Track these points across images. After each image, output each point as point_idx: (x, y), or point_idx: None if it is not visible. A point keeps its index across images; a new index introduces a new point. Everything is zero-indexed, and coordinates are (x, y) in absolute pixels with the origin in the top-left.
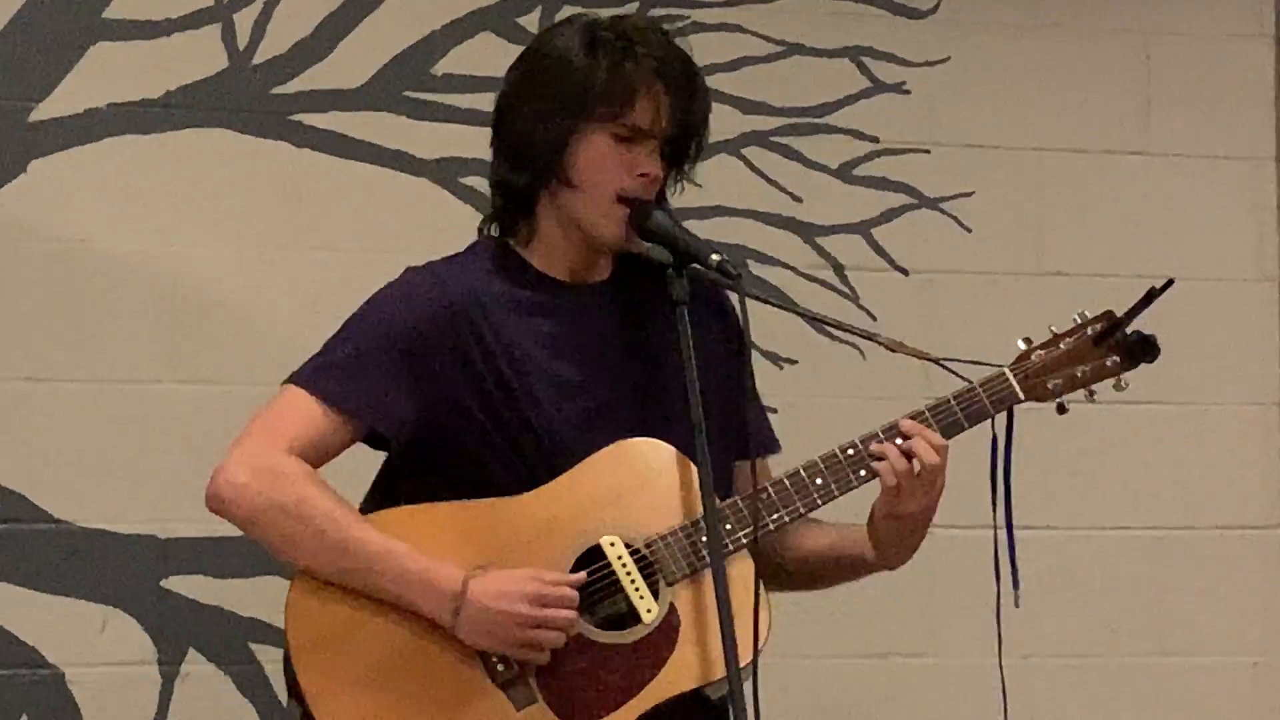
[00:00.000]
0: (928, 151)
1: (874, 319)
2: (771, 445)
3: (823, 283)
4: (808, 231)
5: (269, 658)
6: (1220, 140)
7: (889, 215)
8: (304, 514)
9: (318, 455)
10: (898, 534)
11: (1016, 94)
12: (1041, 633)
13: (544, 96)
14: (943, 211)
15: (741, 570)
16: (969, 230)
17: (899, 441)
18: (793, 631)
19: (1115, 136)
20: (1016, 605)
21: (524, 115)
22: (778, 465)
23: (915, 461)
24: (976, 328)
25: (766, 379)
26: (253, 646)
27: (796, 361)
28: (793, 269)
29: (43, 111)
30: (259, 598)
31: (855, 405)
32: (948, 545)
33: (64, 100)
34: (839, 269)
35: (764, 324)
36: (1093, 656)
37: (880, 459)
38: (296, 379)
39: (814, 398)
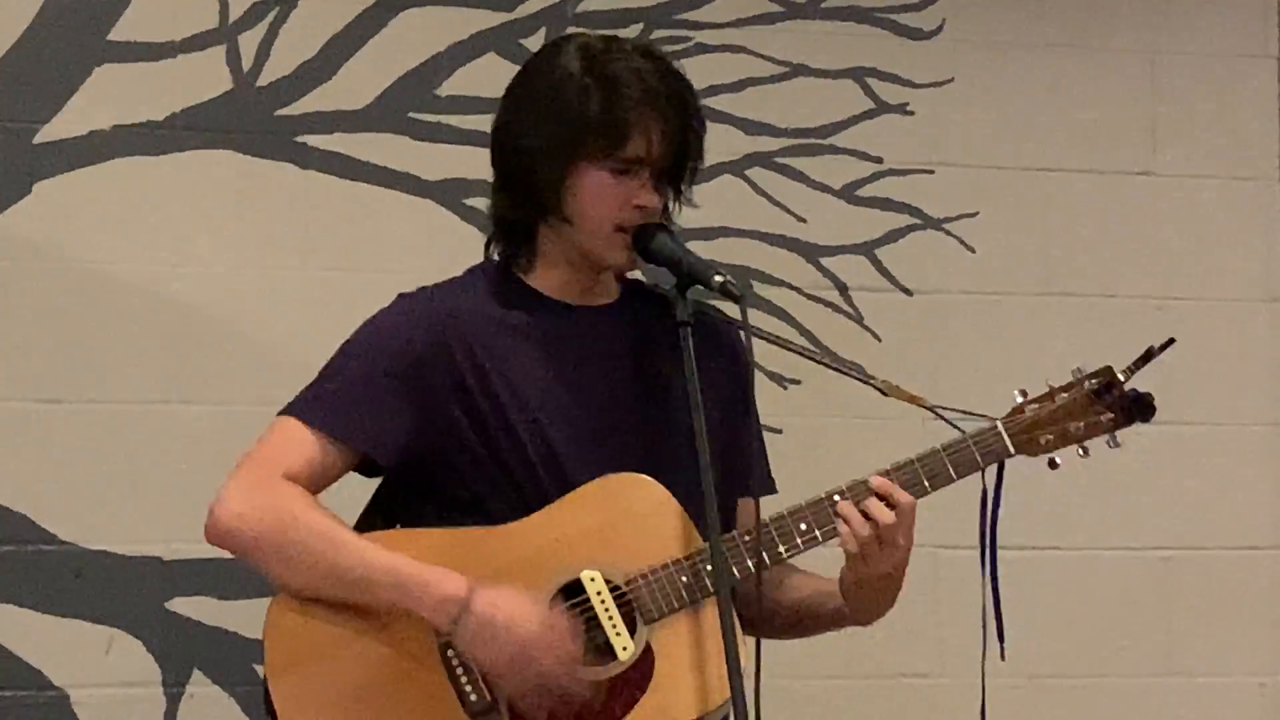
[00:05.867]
0: (932, 172)
1: (878, 340)
2: (769, 487)
3: (827, 303)
4: (812, 252)
5: None
6: (1226, 160)
7: (893, 236)
8: (300, 536)
9: (313, 483)
10: (865, 595)
11: (1021, 114)
12: (1048, 653)
13: (537, 133)
14: (947, 232)
15: (715, 614)
16: (973, 251)
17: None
18: (798, 653)
19: (1120, 157)
20: (1003, 658)
21: (518, 150)
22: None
23: (872, 524)
24: (981, 348)
25: (770, 399)
26: (257, 668)
27: (800, 382)
28: (796, 289)
29: (48, 133)
30: (263, 619)
31: (858, 425)
32: (954, 566)
33: (69, 122)
34: (843, 289)
35: (769, 343)
36: (1100, 677)
37: (844, 521)
38: (290, 409)
39: (817, 418)
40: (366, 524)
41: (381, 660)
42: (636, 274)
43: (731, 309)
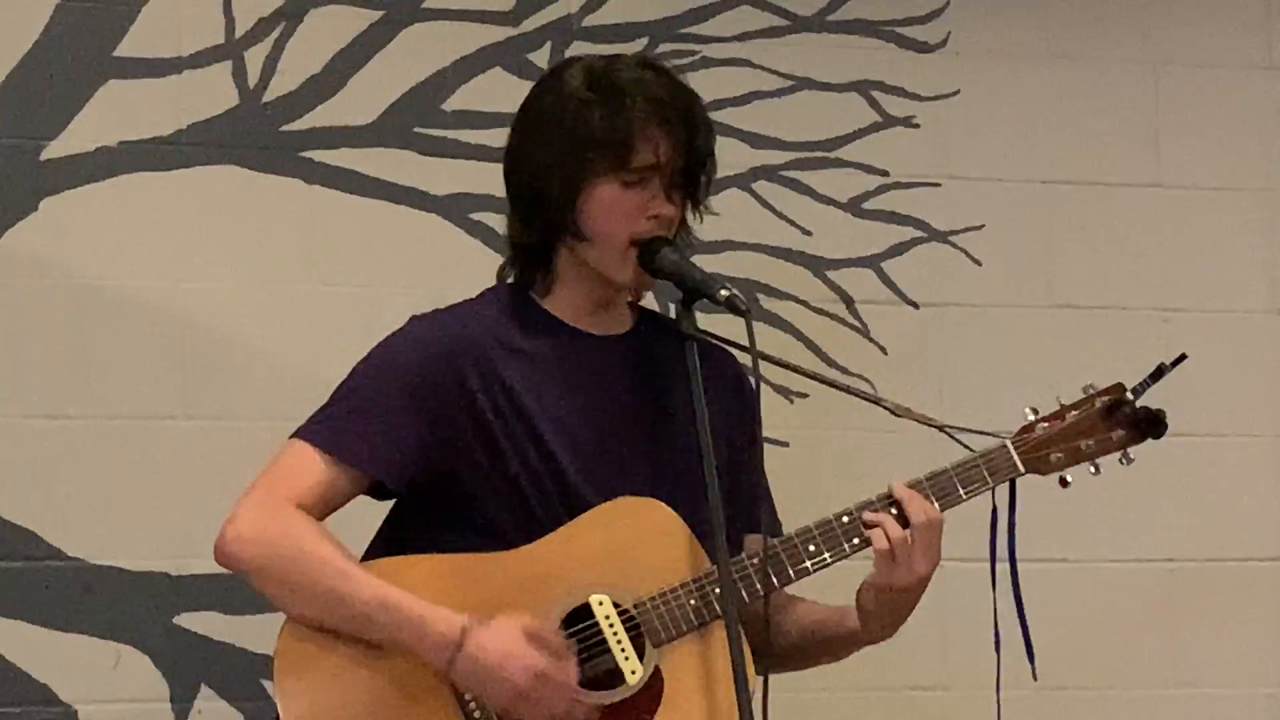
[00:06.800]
0: (938, 184)
1: (885, 353)
2: (775, 531)
3: (833, 316)
4: (818, 265)
5: None
6: (1230, 171)
7: (899, 249)
8: (305, 565)
9: (323, 507)
10: (887, 606)
11: (1026, 126)
12: (1054, 664)
13: (545, 154)
14: (953, 244)
15: (724, 637)
16: (979, 263)
17: (893, 511)
18: None
19: (1125, 168)
20: (1035, 679)
21: (528, 174)
22: None
23: (910, 530)
24: (987, 361)
25: (777, 412)
26: (265, 683)
27: (807, 395)
28: (803, 303)
29: (54, 150)
30: (271, 634)
31: (865, 439)
32: (961, 577)
33: (75, 138)
34: (849, 303)
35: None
36: (1107, 689)
37: (874, 526)
38: (301, 432)
39: (824, 431)
40: (380, 546)
41: (391, 684)
42: (650, 301)
43: (738, 323)
